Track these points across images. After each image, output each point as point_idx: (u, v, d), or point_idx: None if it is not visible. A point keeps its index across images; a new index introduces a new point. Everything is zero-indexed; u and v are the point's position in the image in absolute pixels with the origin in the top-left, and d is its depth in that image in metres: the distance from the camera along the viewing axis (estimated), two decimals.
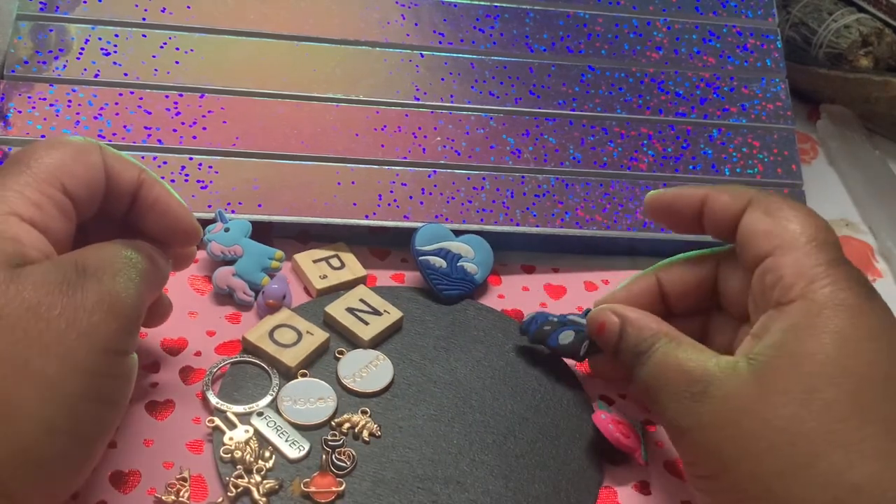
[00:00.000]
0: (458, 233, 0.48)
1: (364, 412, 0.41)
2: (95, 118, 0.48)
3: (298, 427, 0.40)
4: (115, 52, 0.50)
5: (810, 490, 0.30)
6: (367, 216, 0.49)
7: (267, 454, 0.38)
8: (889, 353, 0.32)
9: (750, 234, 0.37)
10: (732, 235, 0.38)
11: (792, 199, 0.37)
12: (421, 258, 0.47)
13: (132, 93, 0.49)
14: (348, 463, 0.38)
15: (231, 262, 0.46)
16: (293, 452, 0.38)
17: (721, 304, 0.41)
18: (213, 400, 0.40)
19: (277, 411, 0.40)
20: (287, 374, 0.42)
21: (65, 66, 0.49)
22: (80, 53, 0.49)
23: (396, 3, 0.55)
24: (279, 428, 0.39)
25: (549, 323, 0.43)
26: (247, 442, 0.38)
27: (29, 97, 0.48)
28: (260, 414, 0.40)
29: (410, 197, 0.50)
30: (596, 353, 0.42)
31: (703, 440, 0.33)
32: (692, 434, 0.34)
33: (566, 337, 0.43)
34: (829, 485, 0.30)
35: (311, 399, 0.41)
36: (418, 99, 0.52)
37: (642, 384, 0.37)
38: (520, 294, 0.49)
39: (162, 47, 0.51)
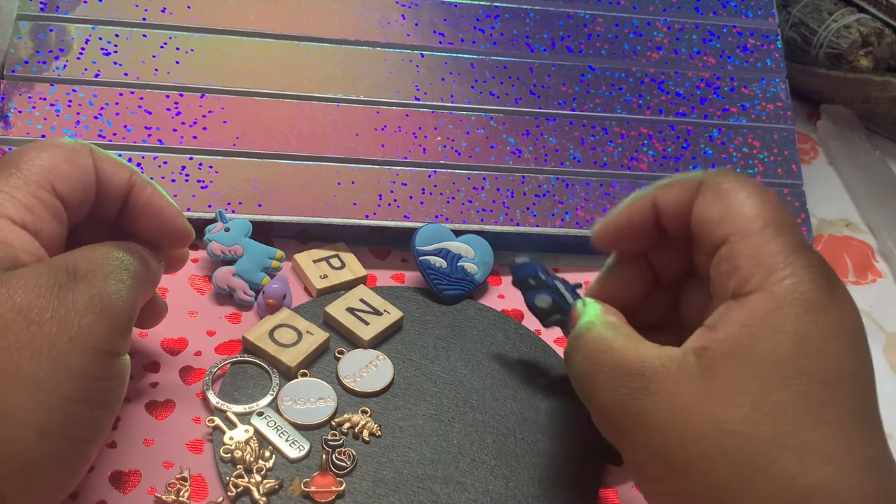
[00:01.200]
0: (458, 233, 0.48)
1: (364, 412, 0.41)
2: (96, 118, 0.48)
3: (298, 427, 0.40)
4: (116, 52, 0.50)
5: (763, 496, 0.29)
6: (367, 216, 0.49)
7: (267, 454, 0.38)
8: (846, 350, 0.31)
9: (702, 222, 0.34)
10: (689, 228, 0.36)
11: (746, 177, 0.34)
12: (421, 258, 0.47)
13: (132, 93, 0.49)
14: (348, 463, 0.38)
15: (231, 262, 0.46)
16: (293, 452, 0.38)
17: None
18: (214, 400, 0.40)
19: (277, 411, 0.40)
20: (287, 374, 0.42)
21: (65, 66, 0.49)
22: (81, 53, 0.50)
23: (397, 3, 0.55)
24: (279, 428, 0.39)
25: (535, 278, 0.42)
26: (247, 442, 0.38)
27: (29, 97, 0.48)
28: (260, 414, 0.40)
29: (410, 197, 0.50)
30: (561, 326, 0.42)
31: (647, 442, 0.31)
32: (635, 435, 0.32)
33: (542, 300, 0.41)
34: (782, 490, 0.29)
35: (312, 399, 0.41)
36: (418, 99, 0.52)
37: (576, 376, 0.35)
38: (520, 294, 0.49)
39: (162, 47, 0.51)
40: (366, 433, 0.40)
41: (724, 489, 0.29)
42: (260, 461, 0.38)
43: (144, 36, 0.51)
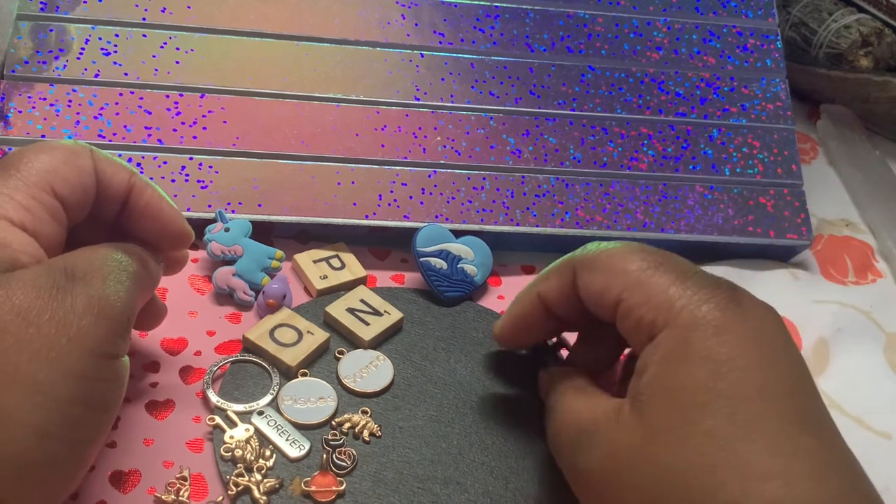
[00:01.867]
0: (457, 234, 0.48)
1: (364, 412, 0.41)
2: (96, 118, 0.48)
3: (299, 426, 0.40)
4: (116, 52, 0.50)
5: None
6: (367, 216, 0.49)
7: (267, 453, 0.38)
8: (764, 362, 0.31)
9: (592, 296, 0.35)
10: (582, 306, 0.37)
11: (611, 244, 0.36)
12: (422, 259, 0.47)
13: (132, 93, 0.49)
14: (349, 462, 0.38)
15: (231, 262, 0.46)
16: (294, 451, 0.38)
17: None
18: (214, 399, 0.40)
19: (278, 410, 0.40)
20: (287, 374, 0.42)
21: (65, 65, 0.49)
22: (81, 53, 0.50)
23: (396, 2, 0.55)
24: (280, 427, 0.39)
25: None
26: (247, 441, 0.38)
27: (29, 97, 0.48)
28: (260, 413, 0.40)
29: (410, 197, 0.50)
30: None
31: (599, 494, 0.32)
32: (588, 490, 0.33)
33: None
34: None
35: (312, 398, 0.41)
36: (418, 99, 0.52)
37: (550, 440, 0.37)
38: None
39: (162, 47, 0.51)
40: (366, 433, 0.40)
41: None
42: (260, 460, 0.38)
43: (144, 36, 0.51)
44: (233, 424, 0.39)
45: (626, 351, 0.40)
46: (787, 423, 0.30)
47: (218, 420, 0.39)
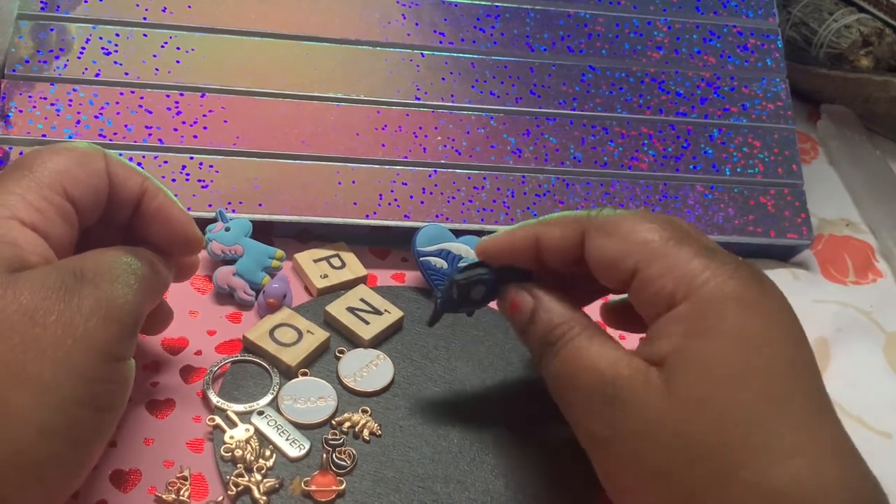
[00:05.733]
0: (458, 233, 0.48)
1: (364, 411, 0.41)
2: (96, 117, 0.48)
3: (299, 426, 0.40)
4: (116, 51, 0.50)
5: (736, 500, 0.29)
6: (367, 216, 0.49)
7: (267, 453, 0.38)
8: (789, 339, 0.31)
9: (603, 263, 0.34)
10: (576, 266, 0.36)
11: (625, 209, 0.35)
12: (422, 259, 0.47)
13: (133, 92, 0.49)
14: (349, 462, 0.38)
15: (232, 262, 0.46)
16: (294, 451, 0.38)
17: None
18: (214, 399, 0.40)
19: (278, 410, 0.40)
20: (287, 373, 0.42)
21: (65, 65, 0.49)
22: (81, 53, 0.50)
23: (397, 2, 0.55)
24: (280, 427, 0.39)
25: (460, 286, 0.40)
26: (247, 441, 0.38)
27: (30, 96, 0.48)
28: (260, 413, 0.40)
29: (411, 196, 0.50)
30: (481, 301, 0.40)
31: (622, 451, 0.31)
32: (609, 444, 0.32)
33: (477, 292, 0.39)
34: (751, 494, 0.29)
35: (312, 398, 0.41)
36: (419, 98, 0.52)
37: (551, 379, 0.35)
38: None
39: (163, 47, 0.51)
40: (366, 432, 0.40)
41: (696, 494, 0.29)
42: (260, 460, 0.38)
43: (145, 35, 0.51)
44: (233, 424, 0.39)
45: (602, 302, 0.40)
46: (811, 400, 0.30)
47: (218, 420, 0.39)
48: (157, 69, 0.50)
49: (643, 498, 0.31)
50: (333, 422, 0.40)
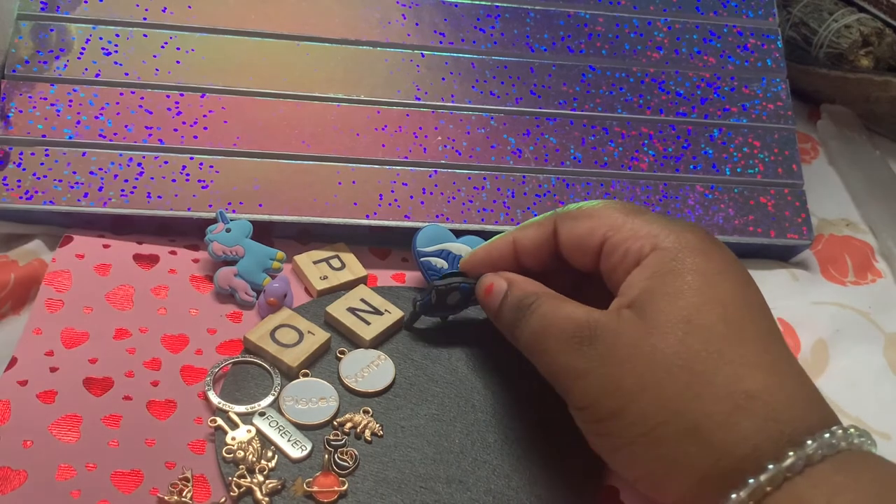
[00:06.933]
0: (458, 234, 0.48)
1: (366, 412, 0.41)
2: (96, 118, 0.48)
3: (300, 427, 0.40)
4: (116, 51, 0.50)
5: (712, 402, 0.32)
6: (367, 216, 0.49)
7: (269, 454, 0.38)
8: (743, 282, 0.36)
9: (573, 241, 0.39)
10: (552, 261, 0.41)
11: (589, 202, 0.40)
12: (422, 259, 0.47)
13: (133, 92, 0.49)
14: (350, 462, 0.38)
15: (232, 263, 0.46)
16: (295, 452, 0.38)
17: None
18: (215, 400, 0.40)
19: (279, 411, 0.40)
20: (289, 374, 0.42)
21: (66, 65, 0.49)
22: (81, 53, 0.49)
23: (397, 2, 0.55)
24: (281, 428, 0.39)
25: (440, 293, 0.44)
26: (249, 442, 0.38)
27: (30, 97, 0.48)
28: (262, 414, 0.40)
29: (411, 196, 0.50)
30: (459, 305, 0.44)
31: (603, 378, 0.34)
32: (590, 375, 0.35)
33: (453, 298, 0.44)
34: (728, 395, 0.32)
35: (313, 399, 0.41)
36: (419, 99, 0.52)
37: (528, 337, 0.38)
38: None
39: (163, 47, 0.51)
40: (368, 433, 0.40)
41: (677, 404, 0.32)
42: (262, 461, 0.38)
43: (145, 36, 0.51)
44: (234, 426, 0.39)
45: None
46: (770, 333, 0.34)
47: (220, 421, 0.39)
48: (157, 69, 0.50)
49: (627, 419, 0.33)
50: (335, 422, 0.40)
